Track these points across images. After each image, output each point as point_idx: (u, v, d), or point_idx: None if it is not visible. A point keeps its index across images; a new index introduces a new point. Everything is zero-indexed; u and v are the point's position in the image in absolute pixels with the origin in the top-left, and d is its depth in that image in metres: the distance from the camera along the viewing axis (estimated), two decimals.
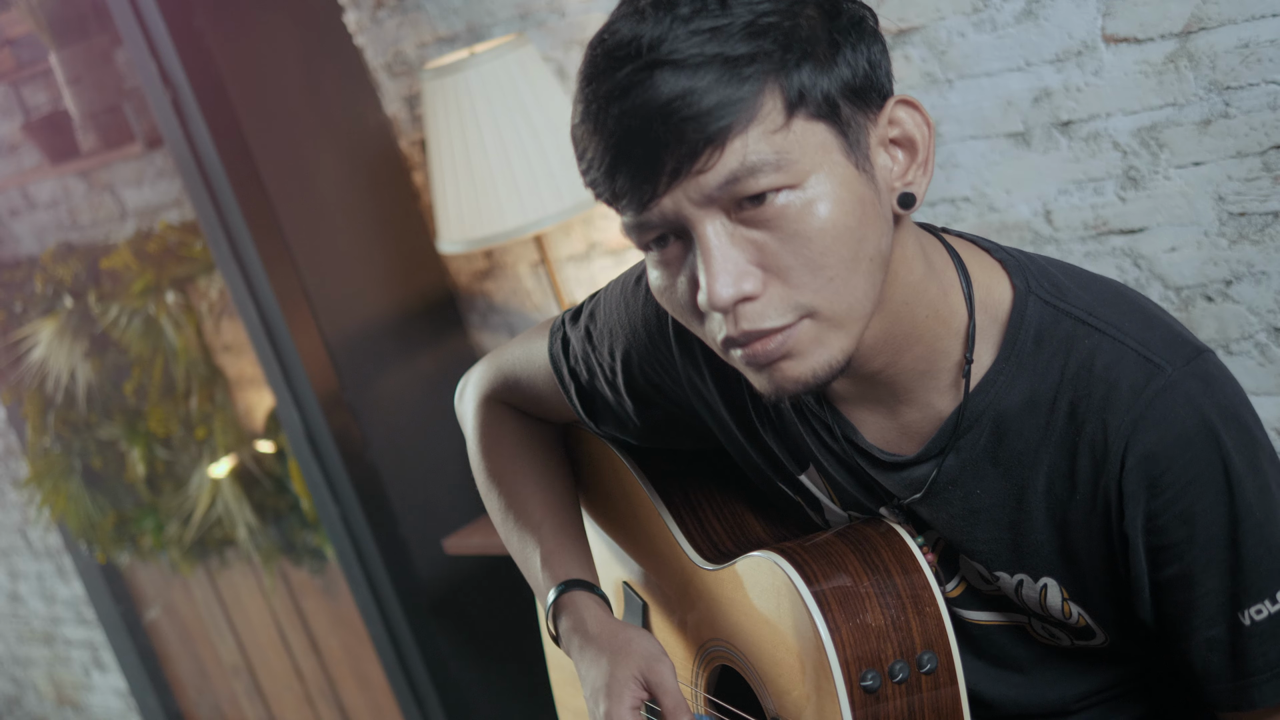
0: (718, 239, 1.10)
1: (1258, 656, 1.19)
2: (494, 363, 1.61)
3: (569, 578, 1.47)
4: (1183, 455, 1.15)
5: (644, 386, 1.44)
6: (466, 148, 2.40)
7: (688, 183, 1.09)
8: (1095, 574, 1.23)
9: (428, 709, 3.08)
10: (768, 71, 1.08)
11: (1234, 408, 1.17)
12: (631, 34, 1.09)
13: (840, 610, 1.25)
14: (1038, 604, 1.27)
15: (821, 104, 1.10)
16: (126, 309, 3.43)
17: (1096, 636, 1.28)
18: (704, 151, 1.07)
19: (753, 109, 1.07)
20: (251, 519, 3.48)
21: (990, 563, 1.27)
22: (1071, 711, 1.33)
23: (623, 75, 1.08)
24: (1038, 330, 1.20)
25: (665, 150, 1.08)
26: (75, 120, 3.32)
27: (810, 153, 1.09)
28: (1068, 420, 1.19)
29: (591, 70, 1.11)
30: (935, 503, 1.27)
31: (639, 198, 1.11)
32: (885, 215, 1.14)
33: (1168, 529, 1.17)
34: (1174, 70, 1.84)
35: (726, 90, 1.07)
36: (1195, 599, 1.19)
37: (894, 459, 1.27)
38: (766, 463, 1.39)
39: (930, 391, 1.24)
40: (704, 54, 1.07)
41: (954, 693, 1.26)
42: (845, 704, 1.23)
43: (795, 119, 1.09)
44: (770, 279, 1.11)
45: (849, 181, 1.11)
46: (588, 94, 1.11)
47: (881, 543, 1.29)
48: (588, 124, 1.11)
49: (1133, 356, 1.17)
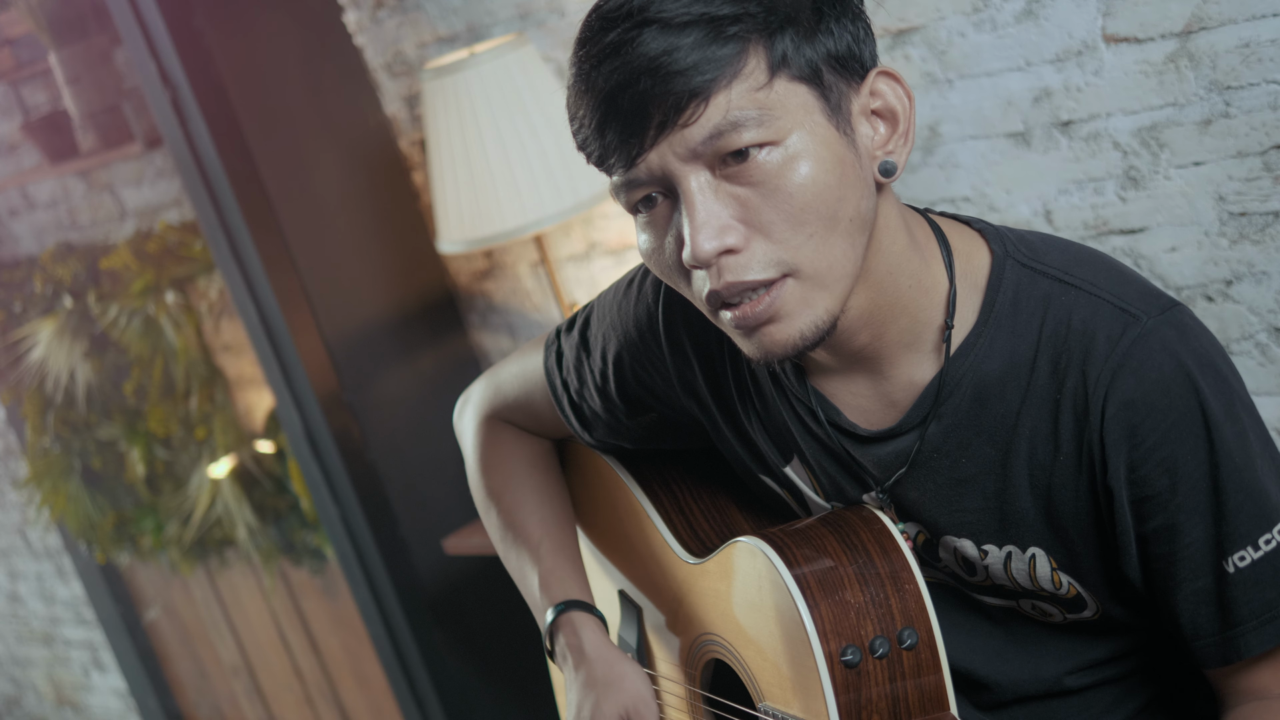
0: (701, 194, 1.14)
1: (1243, 605, 1.21)
2: (491, 381, 1.63)
3: (567, 598, 1.50)
4: (1161, 400, 1.17)
5: (636, 388, 1.45)
6: (466, 148, 2.40)
7: (673, 136, 1.13)
8: (1083, 538, 1.24)
9: (427, 709, 3.08)
10: (751, 31, 1.12)
11: (1209, 355, 1.19)
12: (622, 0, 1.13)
13: (819, 588, 1.27)
14: (1027, 577, 1.28)
15: (804, 67, 1.14)
16: (126, 309, 3.43)
17: (1088, 608, 1.28)
18: (689, 105, 1.11)
19: (736, 66, 1.12)
20: (251, 519, 3.48)
21: (978, 536, 1.28)
22: (1070, 690, 1.34)
23: (613, 36, 1.13)
24: (1015, 292, 1.22)
25: (651, 104, 1.12)
26: (75, 120, 3.32)
27: (792, 112, 1.13)
28: (1049, 379, 1.21)
29: (585, 34, 1.16)
30: (920, 475, 1.28)
31: (627, 153, 1.15)
32: (866, 180, 1.17)
33: (1150, 479, 1.19)
34: (1174, 70, 1.84)
35: (711, 48, 1.11)
36: (1179, 550, 1.21)
37: (876, 433, 1.29)
38: (752, 457, 1.41)
39: (912, 362, 1.25)
40: (690, 13, 1.11)
41: (936, 668, 1.27)
42: (826, 679, 1.24)
43: (778, 79, 1.13)
44: (753, 234, 1.15)
45: (830, 142, 1.14)
46: (580, 56, 1.16)
47: (861, 525, 1.31)
48: (579, 84, 1.16)
49: (1108, 309, 1.19)
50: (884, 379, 1.27)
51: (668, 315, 1.40)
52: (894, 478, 1.29)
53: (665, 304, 1.40)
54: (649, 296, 1.42)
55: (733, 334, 1.20)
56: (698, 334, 1.38)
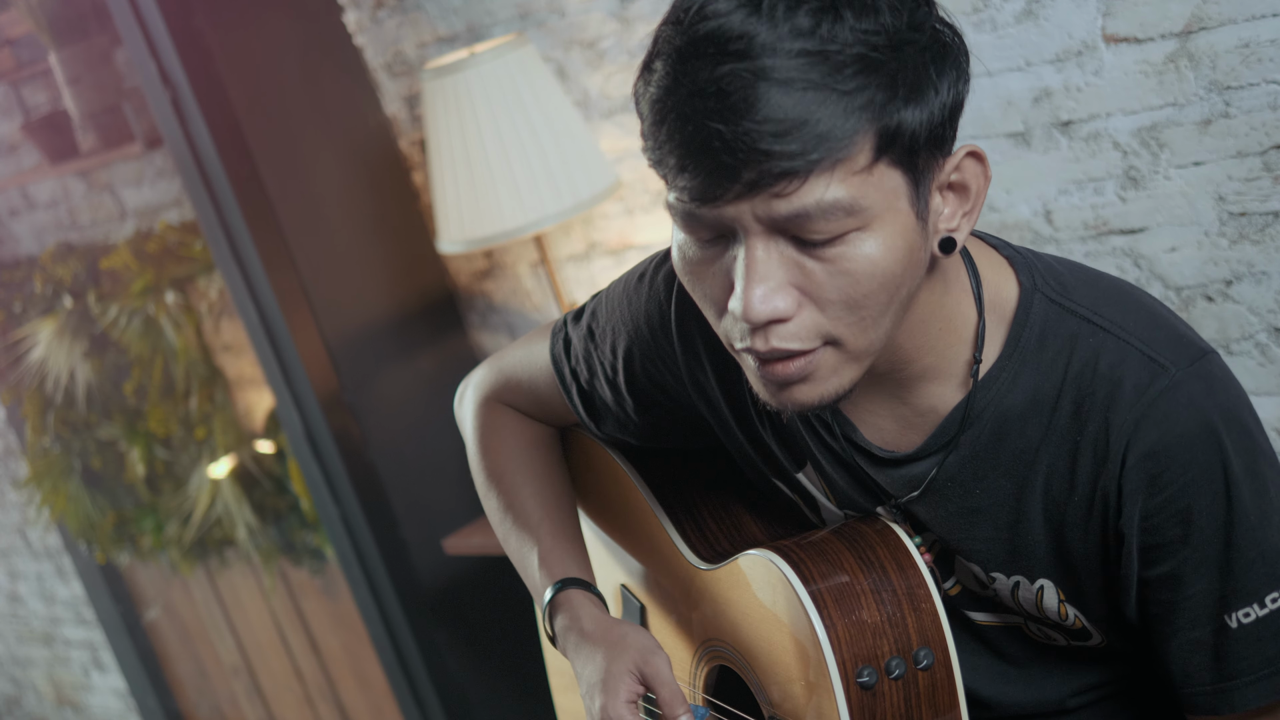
0: (766, 256, 1.09)
1: (1241, 659, 1.19)
2: (494, 365, 1.60)
3: (566, 576, 1.47)
4: (1183, 455, 1.16)
5: (645, 384, 1.43)
6: (466, 148, 2.40)
7: (757, 200, 1.06)
8: (1091, 576, 1.23)
9: (427, 709, 3.08)
10: (869, 114, 1.05)
11: (1236, 410, 1.18)
12: (741, 28, 1.04)
13: (836, 607, 1.25)
14: (1034, 606, 1.27)
15: (905, 151, 1.08)
16: (126, 309, 3.43)
17: (1093, 638, 1.28)
18: (783, 180, 1.05)
19: (846, 149, 1.05)
20: (251, 519, 3.48)
21: (987, 564, 1.27)
22: (1069, 710, 1.33)
23: (722, 72, 1.04)
24: (1042, 328, 1.21)
25: (746, 166, 1.05)
26: (75, 120, 3.32)
27: (882, 198, 1.08)
28: (1071, 419, 1.19)
29: (688, 45, 1.06)
30: (933, 500, 1.27)
31: (701, 197, 1.08)
32: (925, 259, 1.14)
33: (1162, 527, 1.18)
34: (1174, 70, 1.84)
35: (828, 125, 1.04)
36: (1181, 599, 1.19)
37: (893, 455, 1.27)
38: (764, 460, 1.39)
39: (934, 390, 1.24)
40: (811, 80, 1.03)
41: (951, 688, 1.26)
42: (842, 701, 1.23)
43: (880, 163, 1.07)
44: (806, 302, 1.10)
45: (907, 230, 1.10)
46: (677, 72, 1.06)
47: (877, 540, 1.29)
48: (668, 103, 1.07)
49: (1137, 356, 1.17)
50: (904, 404, 1.26)
51: (680, 313, 1.37)
52: (905, 499, 1.28)
53: (679, 301, 1.36)
54: (660, 293, 1.38)
55: (751, 377, 1.17)
56: (710, 334, 1.35)
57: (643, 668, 1.36)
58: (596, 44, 2.48)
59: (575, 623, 1.44)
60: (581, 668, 1.42)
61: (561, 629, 1.45)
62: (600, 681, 1.37)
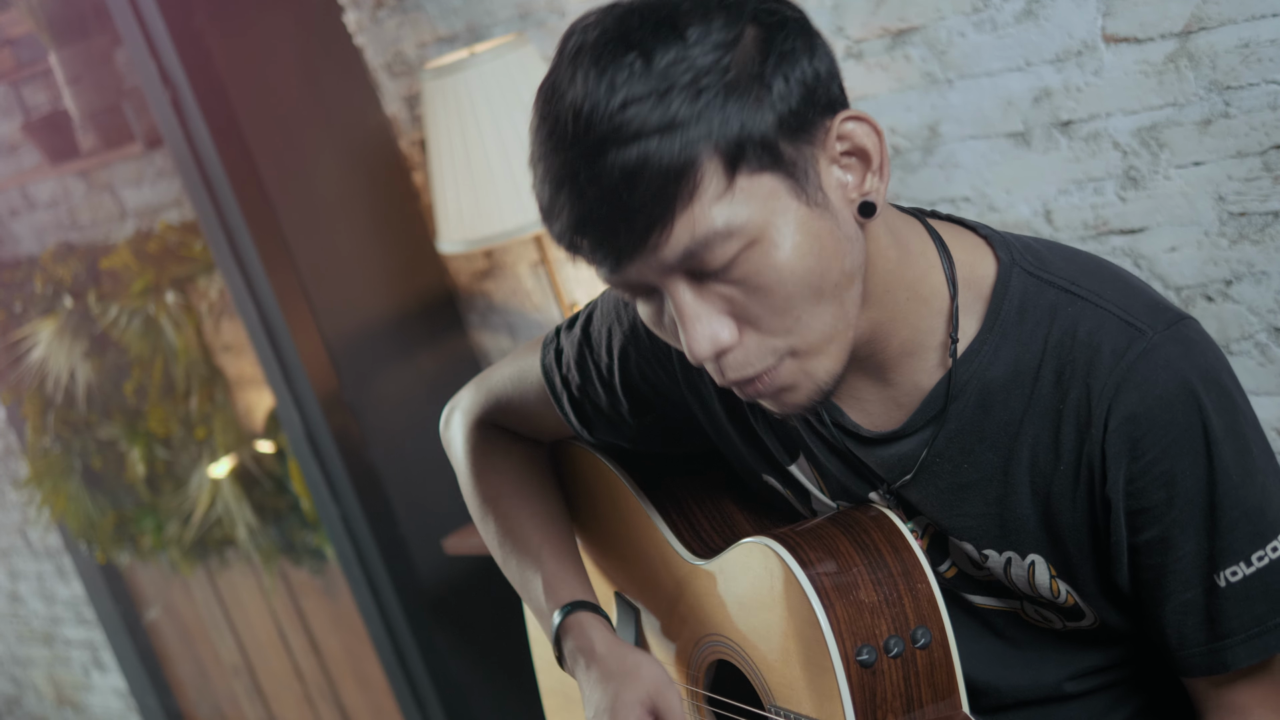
0: (686, 300, 1.12)
1: (1232, 618, 1.21)
2: (481, 387, 1.61)
3: (573, 600, 1.49)
4: (1163, 417, 1.17)
5: (640, 385, 1.44)
6: (466, 147, 2.41)
7: (645, 258, 1.10)
8: (1080, 547, 1.24)
9: (428, 709, 3.09)
10: (700, 139, 1.06)
11: (1214, 371, 1.19)
12: (572, 101, 1.08)
13: (834, 588, 1.26)
14: (1026, 583, 1.28)
15: (761, 154, 1.08)
16: (126, 309, 3.43)
17: (1086, 617, 1.29)
18: (652, 233, 1.08)
19: (692, 184, 1.06)
20: (251, 519, 3.48)
21: (979, 541, 1.28)
22: (1067, 695, 1.34)
23: (571, 158, 1.08)
24: (1021, 301, 1.22)
25: (615, 233, 1.08)
26: (75, 120, 3.32)
27: (759, 207, 1.09)
28: (1053, 388, 1.21)
29: (543, 141, 1.11)
30: (923, 479, 1.28)
31: (602, 269, 1.13)
32: (847, 235, 1.14)
33: (1147, 491, 1.19)
34: (1174, 70, 1.84)
35: (665, 164, 1.06)
36: (1171, 562, 1.21)
37: (879, 435, 1.28)
38: (757, 455, 1.40)
39: (915, 367, 1.25)
40: (637, 128, 1.06)
41: (949, 667, 1.27)
42: (842, 679, 1.24)
43: (738, 178, 1.08)
44: (744, 327, 1.13)
45: (803, 222, 1.11)
46: (540, 169, 1.11)
47: (871, 525, 1.31)
48: (545, 196, 1.12)
49: (1115, 321, 1.19)
50: (888, 384, 1.27)
51: None
52: (899, 482, 1.29)
53: None
54: None
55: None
56: None
57: (655, 699, 1.38)
58: None
59: (586, 646, 1.45)
60: (590, 691, 1.43)
61: (571, 651, 1.47)
62: (609, 709, 1.39)
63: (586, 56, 1.08)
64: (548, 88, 1.11)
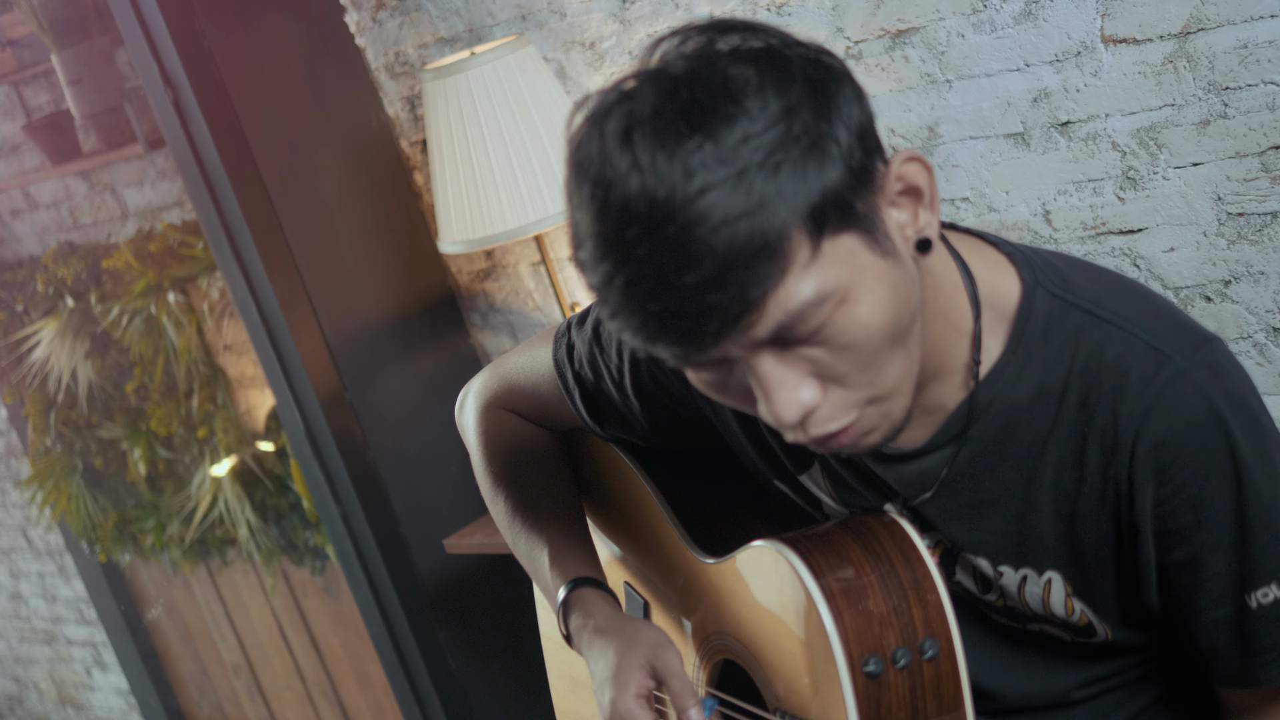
0: (769, 370, 1.09)
1: (1264, 637, 1.21)
2: (496, 371, 1.61)
3: (578, 575, 1.48)
4: (1192, 442, 1.17)
5: (651, 386, 1.44)
6: (467, 148, 2.41)
7: (734, 336, 1.06)
8: (1101, 566, 1.24)
9: (428, 708, 3.09)
10: (787, 215, 1.02)
11: (1241, 395, 1.19)
12: (642, 190, 1.01)
13: (843, 596, 1.26)
14: (1040, 602, 1.27)
15: (838, 213, 1.05)
16: (128, 309, 3.43)
17: (1098, 634, 1.28)
18: (746, 316, 1.04)
19: (784, 260, 1.03)
20: (253, 518, 3.48)
21: (995, 557, 1.27)
22: (1075, 701, 1.34)
23: (651, 250, 1.02)
24: (1046, 322, 1.21)
25: (705, 323, 1.04)
26: (77, 121, 3.32)
27: (842, 268, 1.06)
28: (1078, 411, 1.20)
29: (609, 236, 1.03)
30: (942, 495, 1.28)
31: (682, 358, 1.09)
32: (912, 276, 1.13)
33: (1176, 514, 1.19)
34: (1173, 71, 1.84)
35: (756, 246, 1.02)
36: (1201, 581, 1.21)
37: (900, 452, 1.28)
38: (768, 463, 1.40)
39: (939, 389, 1.24)
40: (724, 214, 1.01)
41: (956, 679, 1.26)
42: (848, 689, 1.24)
43: (823, 244, 1.05)
44: (828, 384, 1.10)
45: (881, 275, 1.09)
46: (607, 266, 1.04)
47: (883, 532, 1.30)
48: (611, 293, 1.05)
49: (1142, 346, 1.18)
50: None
51: None
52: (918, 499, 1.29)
53: None
54: None
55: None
56: None
57: (654, 661, 1.37)
58: (597, 45, 2.49)
59: (589, 620, 1.45)
60: (594, 663, 1.42)
61: (576, 627, 1.46)
62: (611, 676, 1.38)
63: (644, 140, 1.02)
64: (596, 173, 1.04)
